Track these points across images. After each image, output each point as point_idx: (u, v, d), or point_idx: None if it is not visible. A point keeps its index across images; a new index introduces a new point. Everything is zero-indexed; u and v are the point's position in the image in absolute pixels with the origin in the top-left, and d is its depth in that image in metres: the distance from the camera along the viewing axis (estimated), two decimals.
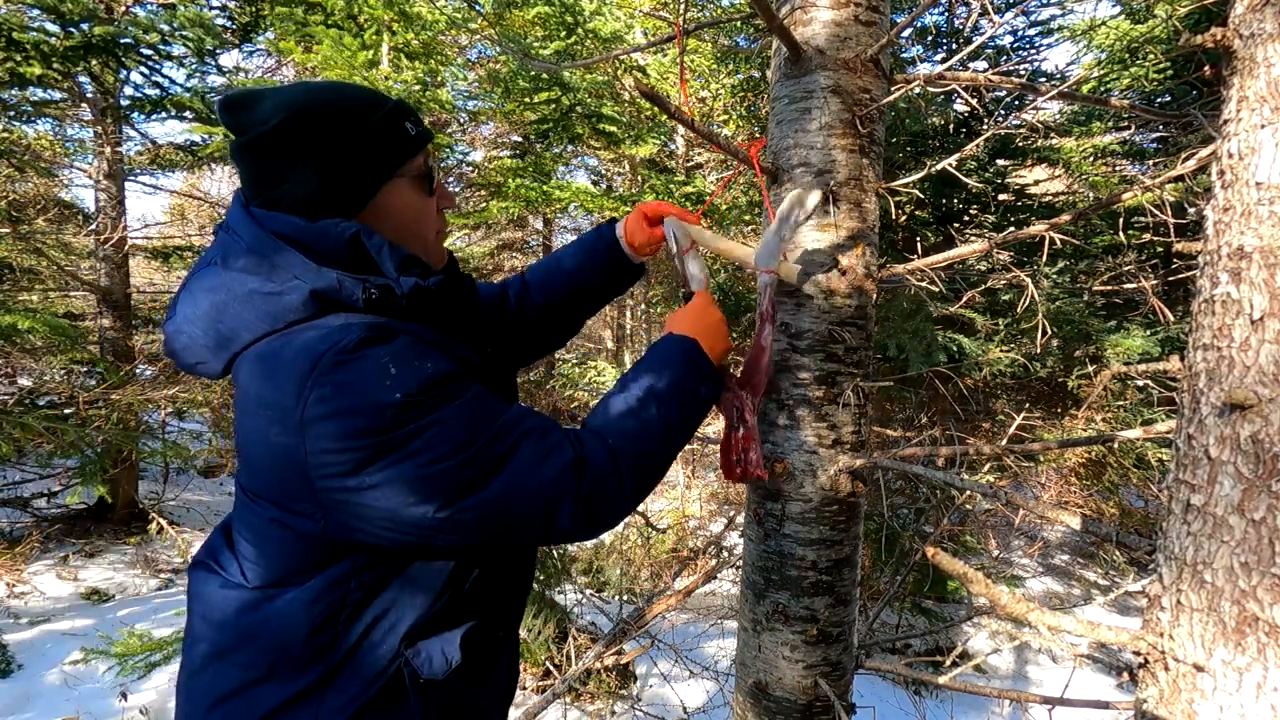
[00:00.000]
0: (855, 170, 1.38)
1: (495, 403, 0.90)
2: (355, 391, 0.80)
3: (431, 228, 1.03)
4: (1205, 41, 0.86)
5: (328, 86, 0.94)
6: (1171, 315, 1.79)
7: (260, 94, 0.92)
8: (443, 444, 0.82)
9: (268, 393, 0.83)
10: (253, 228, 0.90)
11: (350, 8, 4.32)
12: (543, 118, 5.25)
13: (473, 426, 0.85)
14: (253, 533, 0.93)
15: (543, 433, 0.90)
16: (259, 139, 0.89)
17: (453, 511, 0.83)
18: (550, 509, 0.88)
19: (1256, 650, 0.80)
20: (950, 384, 4.27)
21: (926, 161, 4.53)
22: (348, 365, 0.81)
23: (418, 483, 0.81)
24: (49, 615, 4.81)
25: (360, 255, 0.90)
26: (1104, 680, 4.52)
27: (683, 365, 1.05)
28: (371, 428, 0.79)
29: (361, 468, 0.80)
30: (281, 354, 0.84)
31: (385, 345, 0.83)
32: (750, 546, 1.52)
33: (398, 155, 0.96)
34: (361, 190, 0.94)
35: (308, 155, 0.90)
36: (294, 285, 0.86)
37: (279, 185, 0.91)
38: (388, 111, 0.96)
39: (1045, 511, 1.07)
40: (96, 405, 4.94)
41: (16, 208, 6.14)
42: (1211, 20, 4.68)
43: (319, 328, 0.85)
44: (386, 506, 0.82)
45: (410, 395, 0.81)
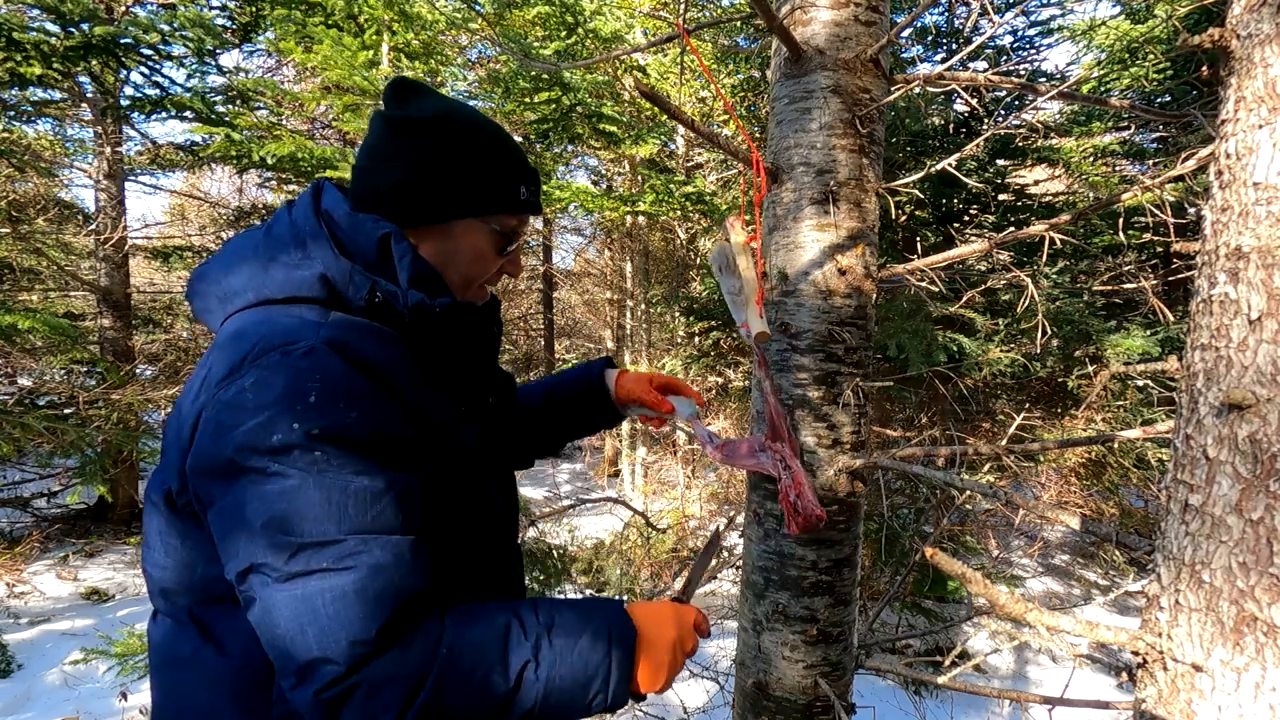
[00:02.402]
0: (855, 170, 1.38)
1: (379, 509, 0.75)
2: (265, 398, 0.74)
3: (481, 276, 1.00)
4: (1204, 42, 0.86)
5: (490, 123, 0.97)
6: (1171, 315, 1.79)
7: (434, 93, 0.97)
8: (285, 507, 0.72)
9: (217, 356, 0.81)
10: (308, 203, 0.91)
11: (350, 8, 4.32)
12: (543, 118, 5.25)
13: (323, 514, 0.72)
14: (149, 527, 0.88)
15: (375, 578, 0.73)
16: (409, 120, 0.92)
17: (244, 583, 0.73)
18: (310, 665, 0.70)
19: (1255, 650, 0.80)
20: (950, 384, 4.27)
21: (926, 161, 4.53)
22: (279, 368, 0.76)
23: (239, 527, 0.73)
24: (49, 615, 4.81)
25: (385, 258, 0.89)
26: (1104, 680, 4.52)
27: (603, 649, 0.82)
28: (253, 444, 0.72)
29: (221, 476, 0.74)
30: (253, 327, 0.82)
31: (323, 365, 0.76)
32: (750, 546, 1.52)
33: (496, 204, 0.96)
34: (442, 209, 0.93)
35: (428, 154, 0.91)
36: (310, 264, 0.86)
37: (388, 160, 0.92)
38: (517, 168, 0.97)
39: (1045, 511, 1.07)
40: (96, 405, 4.94)
41: (16, 208, 6.14)
42: (1210, 20, 4.68)
43: (300, 316, 0.83)
44: (215, 528, 0.75)
45: (308, 434, 0.72)
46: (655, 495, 7.85)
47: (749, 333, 1.28)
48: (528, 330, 11.62)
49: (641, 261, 8.22)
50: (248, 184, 11.03)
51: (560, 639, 0.80)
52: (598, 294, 11.11)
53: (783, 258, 1.42)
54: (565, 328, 13.15)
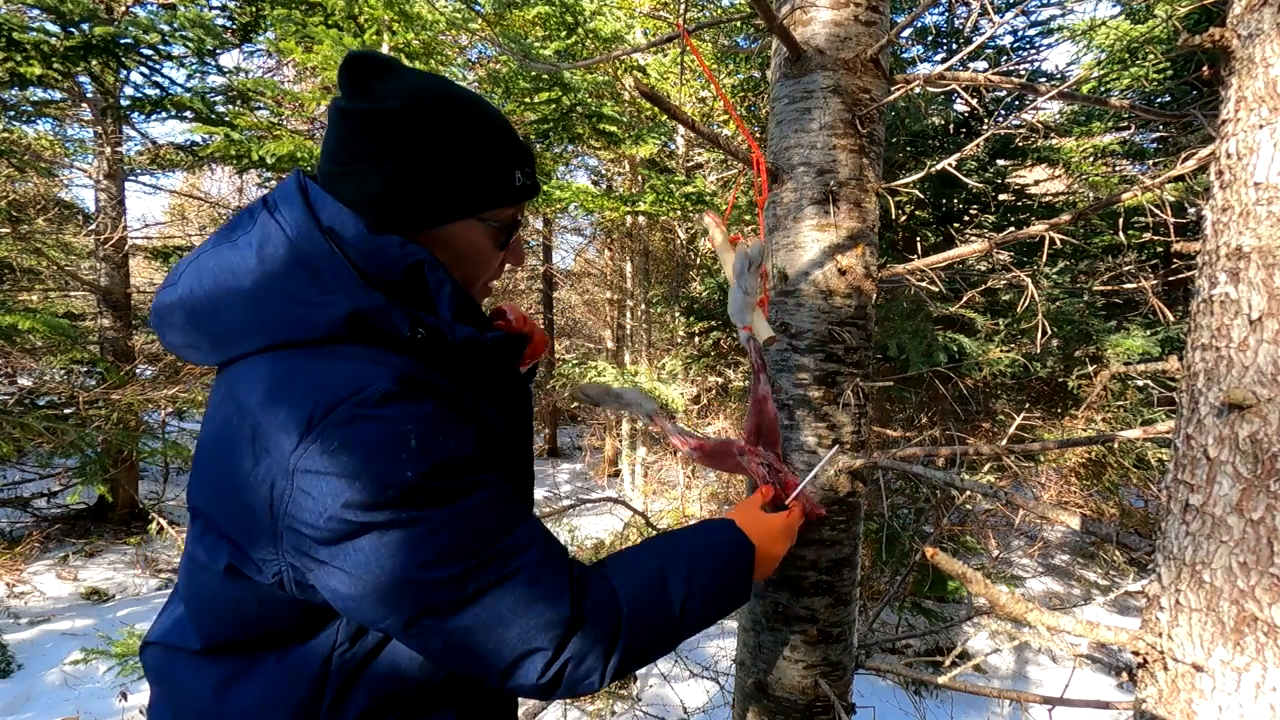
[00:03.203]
0: (855, 170, 1.38)
1: (505, 509, 0.79)
2: (363, 455, 0.70)
3: (485, 275, 0.94)
4: (1204, 42, 0.86)
5: (468, 100, 0.85)
6: (1171, 315, 1.79)
7: (398, 70, 0.83)
8: (429, 548, 0.72)
9: (266, 419, 0.73)
10: (304, 217, 0.79)
11: (350, 8, 4.32)
12: (543, 118, 5.25)
13: (470, 538, 0.74)
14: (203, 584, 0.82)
15: (541, 569, 0.78)
16: (374, 114, 0.80)
17: (415, 628, 0.74)
18: (518, 661, 0.76)
19: (1255, 650, 0.80)
20: (950, 384, 4.27)
21: (926, 161, 4.53)
22: (364, 421, 0.71)
23: (388, 583, 0.71)
24: (49, 615, 4.82)
25: (416, 286, 0.81)
26: (1104, 680, 4.52)
27: (738, 579, 0.95)
28: (367, 502, 0.69)
29: (341, 540, 0.70)
30: (296, 380, 0.74)
31: (411, 407, 0.73)
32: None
33: (491, 200, 0.88)
34: (433, 216, 0.84)
35: (403, 154, 0.81)
36: (333, 301, 0.76)
37: (355, 165, 0.81)
38: (508, 152, 0.88)
39: (1045, 511, 1.07)
40: (96, 405, 4.95)
41: (16, 208, 6.14)
42: (1211, 20, 4.68)
43: (346, 358, 0.75)
44: (349, 594, 0.73)
45: (422, 476, 0.71)
46: (655, 495, 7.85)
47: (749, 335, 1.28)
48: None
49: (641, 261, 8.22)
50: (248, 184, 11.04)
51: (703, 572, 0.90)
52: (598, 294, 11.11)
53: (783, 258, 1.42)
54: (565, 328, 13.15)
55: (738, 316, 1.28)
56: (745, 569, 0.96)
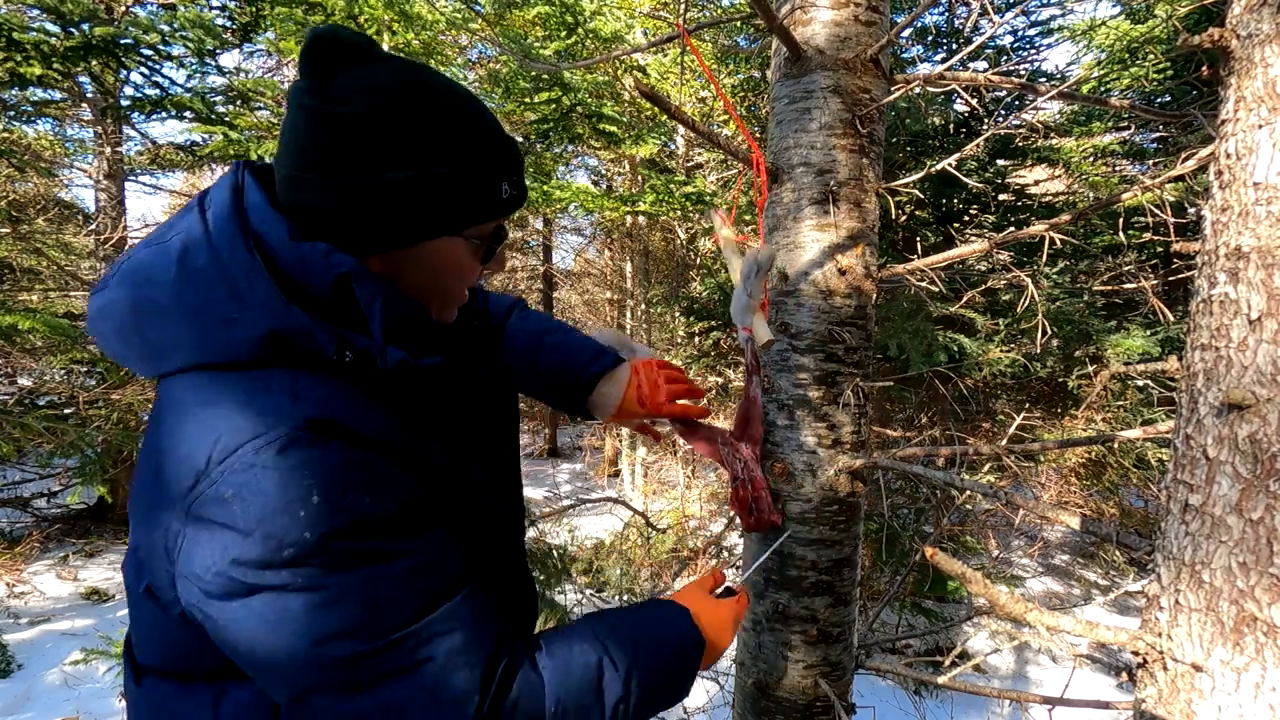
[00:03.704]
0: (855, 170, 1.38)
1: (427, 582, 0.68)
2: (257, 508, 0.61)
3: (464, 288, 0.84)
4: (1203, 42, 0.86)
5: (449, 100, 0.74)
6: (1171, 315, 1.79)
7: (368, 57, 0.72)
8: (325, 621, 0.63)
9: (169, 453, 0.66)
10: (230, 218, 0.71)
11: (350, 8, 4.32)
12: (543, 118, 5.26)
13: (375, 614, 0.64)
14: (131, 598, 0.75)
15: (455, 661, 0.67)
16: (336, 118, 0.69)
17: (298, 706, 0.67)
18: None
19: (1255, 650, 0.80)
20: (950, 384, 4.27)
21: (926, 161, 4.53)
22: (260, 470, 0.62)
23: (277, 653, 0.63)
24: (49, 615, 4.82)
25: (347, 301, 0.71)
26: (1104, 680, 4.52)
27: (682, 678, 0.86)
28: (260, 561, 0.61)
29: (229, 598, 0.63)
30: (200, 413, 0.66)
31: (316, 456, 0.64)
32: (750, 546, 1.52)
33: (473, 216, 0.77)
34: (404, 236, 0.75)
35: (368, 170, 0.70)
36: (249, 318, 0.67)
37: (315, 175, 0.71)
38: (494, 161, 0.77)
39: (1045, 511, 1.07)
40: (96, 405, 4.95)
41: (16, 208, 6.14)
42: (1210, 20, 4.68)
43: (259, 390, 0.67)
44: (236, 653, 0.65)
45: (324, 538, 0.62)
46: (655, 495, 7.85)
47: (748, 336, 1.28)
48: None
49: (641, 261, 8.22)
50: None
51: (646, 669, 0.81)
52: (598, 294, 11.12)
53: (783, 258, 1.42)
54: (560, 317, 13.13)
55: (739, 317, 1.29)
56: (691, 667, 0.87)
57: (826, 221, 1.38)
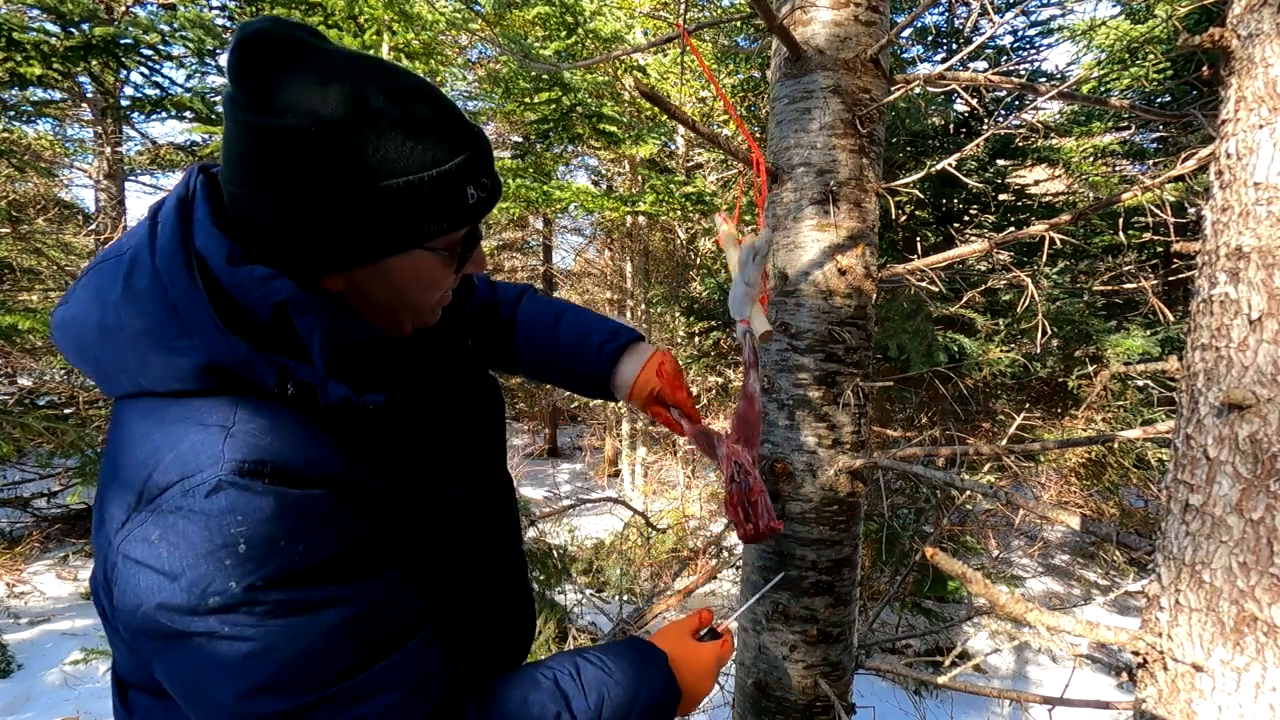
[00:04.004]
0: (855, 170, 1.38)
1: (364, 634, 0.64)
2: (184, 554, 0.58)
3: (436, 297, 0.78)
4: (1204, 42, 0.86)
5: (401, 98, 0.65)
6: (1171, 315, 1.79)
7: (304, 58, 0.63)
8: (249, 675, 0.59)
9: (107, 484, 0.65)
10: (173, 240, 0.65)
11: (350, 8, 4.32)
12: (543, 118, 5.26)
13: (304, 668, 0.60)
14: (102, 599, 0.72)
15: (393, 713, 0.63)
16: (266, 130, 0.62)
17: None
18: None
19: (1255, 650, 0.80)
20: (950, 384, 4.27)
21: (926, 161, 4.53)
22: (186, 515, 0.59)
23: (202, 702, 0.61)
24: (49, 615, 4.81)
25: (286, 328, 0.65)
26: (1104, 680, 4.52)
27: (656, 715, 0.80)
28: (184, 608, 0.58)
29: (155, 638, 0.60)
30: (134, 447, 0.64)
31: (243, 503, 0.60)
32: (751, 547, 1.52)
33: (436, 227, 0.69)
34: (359, 254, 0.68)
35: (313, 188, 0.63)
36: (187, 345, 0.63)
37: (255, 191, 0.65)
38: (458, 164, 0.68)
39: (1045, 511, 1.07)
40: (96, 405, 4.95)
41: (16, 208, 6.14)
42: (1211, 20, 4.68)
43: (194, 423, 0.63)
44: (171, 690, 0.63)
45: (251, 588, 0.59)
46: (655, 495, 7.86)
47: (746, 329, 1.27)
48: None
49: (641, 261, 8.23)
50: None
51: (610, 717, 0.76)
52: (598, 294, 11.12)
53: (783, 258, 1.42)
54: None
55: (737, 310, 1.27)
56: (664, 716, 0.81)
57: (826, 221, 1.38)
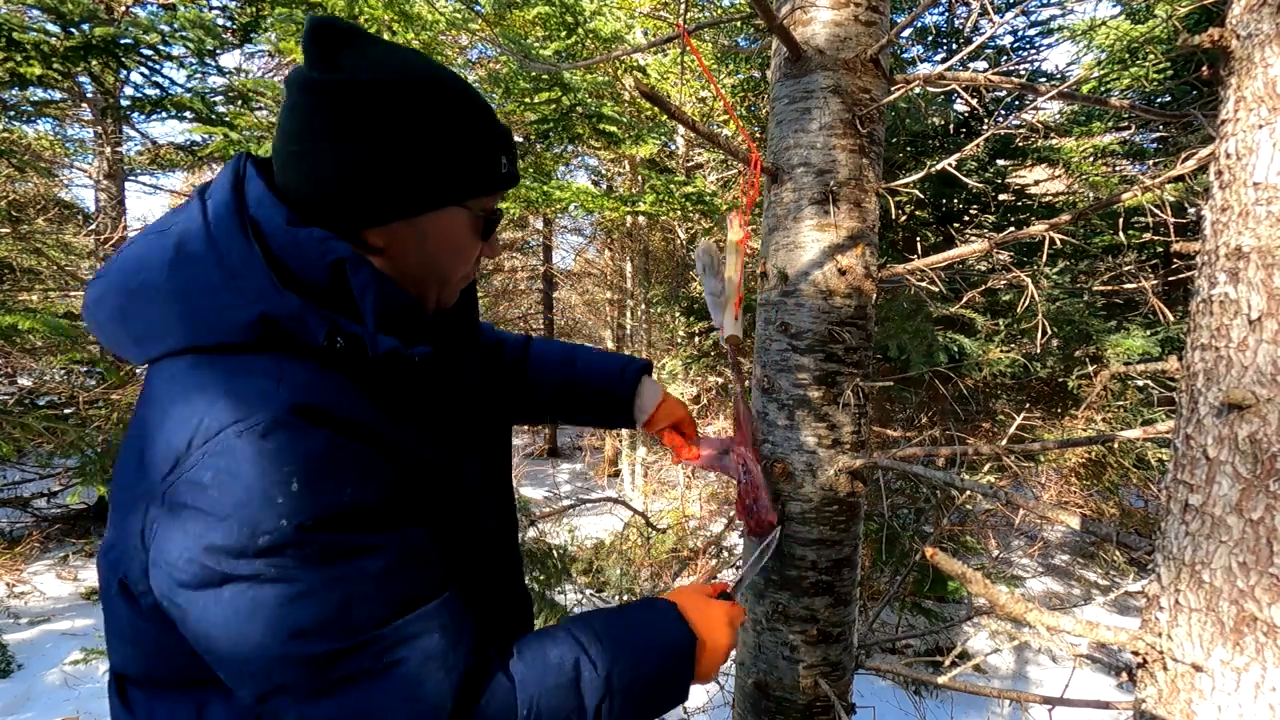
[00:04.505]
0: (855, 170, 1.38)
1: (404, 582, 0.67)
2: (235, 494, 0.60)
3: (461, 271, 0.84)
4: (1203, 42, 0.86)
5: (448, 75, 0.76)
6: (1171, 315, 1.79)
7: (368, 39, 0.73)
8: (295, 616, 0.61)
9: (151, 435, 0.66)
10: (229, 206, 0.71)
11: (350, 8, 4.32)
12: (543, 118, 5.26)
13: (348, 612, 0.63)
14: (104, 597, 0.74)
15: (429, 665, 0.66)
16: (344, 85, 0.69)
17: (263, 706, 0.64)
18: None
19: (1255, 650, 0.80)
20: (950, 384, 4.27)
21: (926, 161, 4.53)
22: (241, 454, 0.61)
23: (243, 648, 0.62)
24: (49, 615, 4.82)
25: (341, 287, 0.71)
26: (1104, 680, 4.52)
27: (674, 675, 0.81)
28: (232, 548, 0.60)
29: (197, 586, 0.61)
30: (185, 395, 0.66)
31: (299, 441, 0.63)
32: (751, 547, 1.52)
33: (474, 184, 0.78)
34: (408, 203, 0.74)
35: (380, 134, 0.71)
36: (241, 301, 0.67)
37: (317, 144, 0.71)
38: (492, 135, 0.78)
39: (1045, 511, 1.07)
40: (96, 405, 4.95)
41: (16, 208, 6.14)
42: (1210, 20, 4.68)
43: (245, 373, 0.66)
44: (205, 648, 0.64)
45: (301, 528, 0.61)
46: (655, 495, 7.85)
47: (723, 335, 1.30)
48: (528, 330, 11.63)
49: (641, 261, 8.22)
50: None
51: (629, 666, 0.76)
52: (598, 294, 11.11)
53: (783, 258, 1.42)
54: (565, 328, 13.15)
55: (716, 319, 1.31)
56: (683, 665, 0.81)
57: (826, 221, 1.38)
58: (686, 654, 0.82)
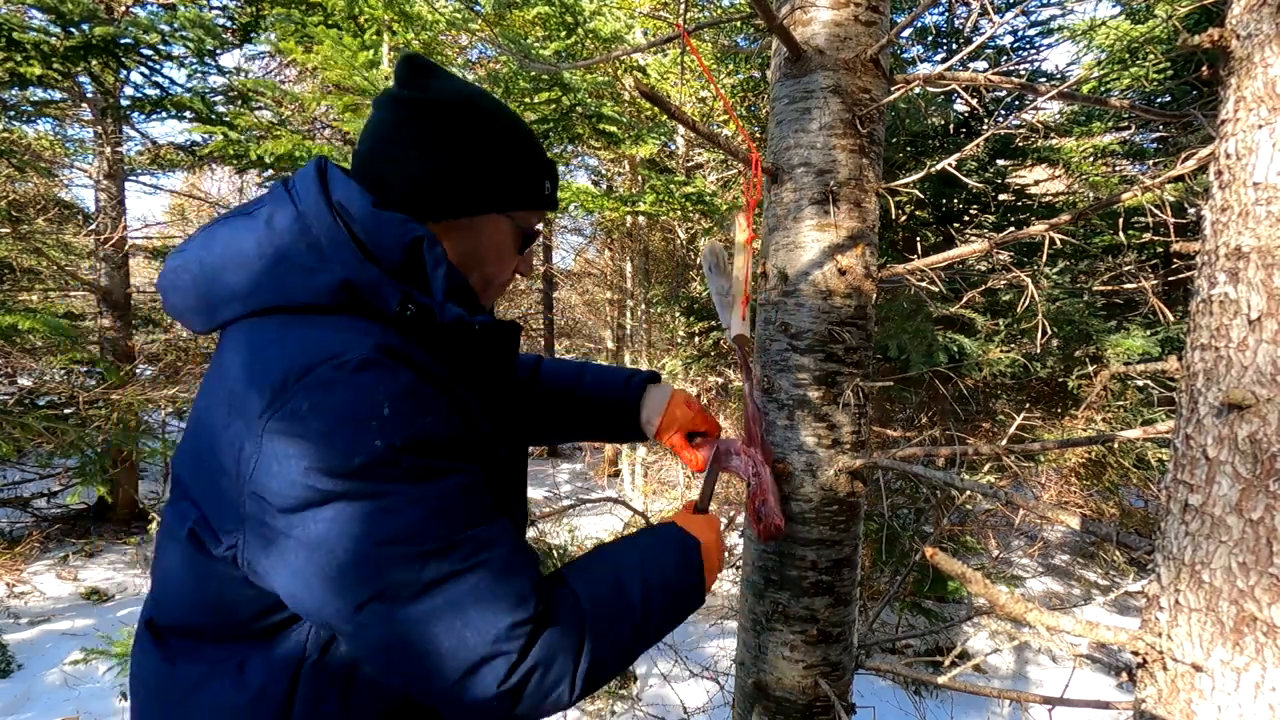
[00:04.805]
0: (855, 170, 1.38)
1: (476, 501, 0.75)
2: (332, 419, 0.68)
3: (499, 276, 0.96)
4: (1203, 42, 0.86)
5: (509, 110, 0.93)
6: (1171, 315, 1.79)
7: (448, 74, 0.90)
8: (391, 524, 0.68)
9: (243, 378, 0.73)
10: (316, 191, 0.81)
11: (350, 8, 4.32)
12: (543, 118, 5.25)
13: (436, 521, 0.70)
14: (167, 551, 0.81)
15: (509, 566, 0.74)
16: (432, 102, 0.85)
17: (364, 615, 0.69)
18: (477, 664, 0.70)
19: (1254, 650, 0.80)
20: (950, 384, 4.27)
21: (926, 161, 4.53)
22: (337, 385, 0.69)
23: (345, 559, 0.68)
24: (49, 615, 4.81)
25: (414, 264, 0.82)
26: (1104, 680, 4.52)
27: (690, 572, 0.95)
28: (332, 469, 0.67)
29: (300, 508, 0.68)
30: (276, 342, 0.74)
31: (388, 375, 0.72)
32: (750, 546, 1.52)
33: (523, 199, 0.93)
34: (470, 203, 0.88)
35: (456, 143, 0.86)
36: (328, 269, 0.77)
37: (404, 150, 0.85)
38: (541, 162, 0.94)
39: (1045, 511, 1.07)
40: (96, 405, 4.95)
41: (16, 208, 6.14)
42: (1210, 20, 4.68)
43: (330, 326, 0.76)
44: (302, 570, 0.69)
45: (391, 448, 0.69)
46: (655, 495, 7.85)
47: (730, 334, 1.30)
48: (528, 330, 11.62)
49: (641, 261, 8.22)
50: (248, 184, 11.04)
51: (656, 573, 0.89)
52: (598, 294, 11.11)
53: (783, 258, 1.42)
54: (565, 328, 13.15)
55: (724, 321, 1.31)
56: (696, 558, 0.96)
57: (826, 221, 1.38)
58: (695, 550, 0.96)
